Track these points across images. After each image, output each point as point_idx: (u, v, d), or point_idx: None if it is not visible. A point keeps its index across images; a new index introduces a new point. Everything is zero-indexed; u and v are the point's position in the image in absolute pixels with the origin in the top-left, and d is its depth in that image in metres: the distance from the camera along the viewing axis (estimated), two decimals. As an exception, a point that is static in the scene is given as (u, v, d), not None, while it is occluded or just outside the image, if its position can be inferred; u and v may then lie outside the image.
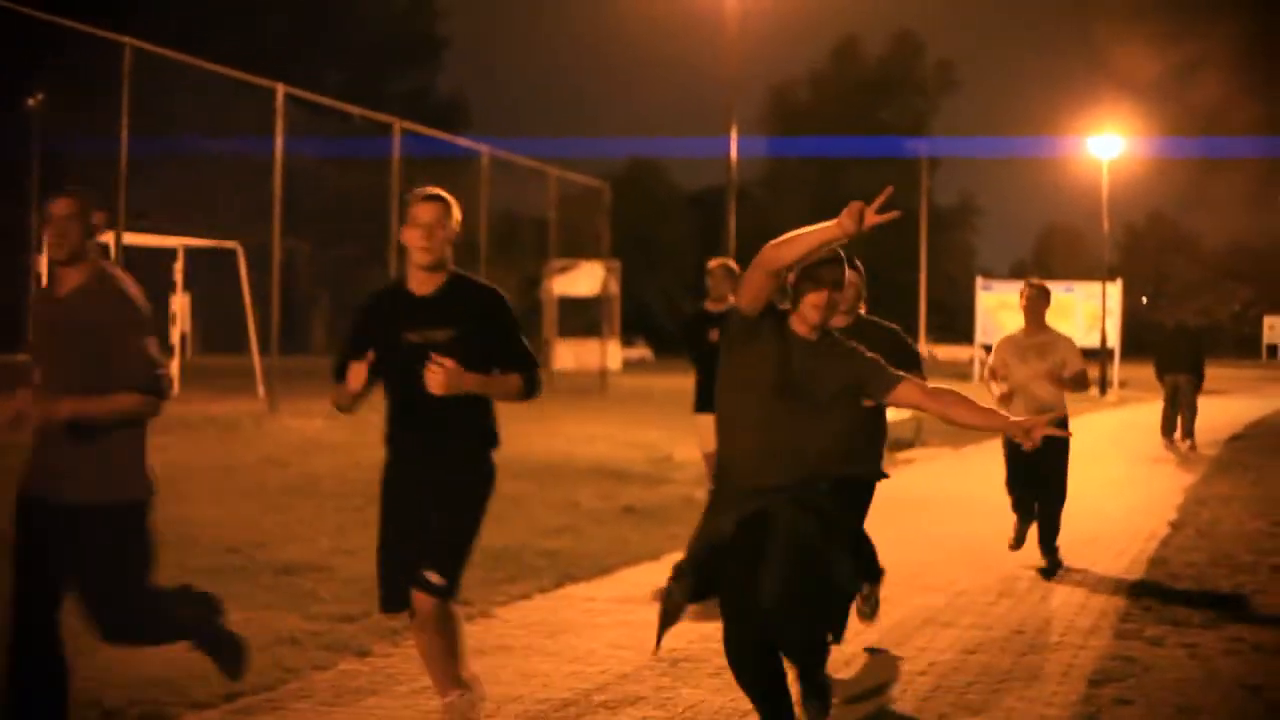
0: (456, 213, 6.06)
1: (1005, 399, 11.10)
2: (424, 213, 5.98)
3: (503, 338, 6.09)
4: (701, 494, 10.17)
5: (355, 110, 24.08)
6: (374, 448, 7.01)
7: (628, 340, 68.67)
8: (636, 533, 12.61)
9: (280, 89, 21.05)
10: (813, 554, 5.69)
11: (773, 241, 5.61)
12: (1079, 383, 11.25)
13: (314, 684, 7.30)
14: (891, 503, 15.86)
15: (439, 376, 5.81)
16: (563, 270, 47.46)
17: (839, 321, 7.08)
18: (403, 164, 25.31)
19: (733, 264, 11.70)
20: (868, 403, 6.15)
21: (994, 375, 11.49)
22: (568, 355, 44.09)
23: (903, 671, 7.82)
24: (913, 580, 10.56)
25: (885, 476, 8.22)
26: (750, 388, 5.77)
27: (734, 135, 33.28)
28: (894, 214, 5.41)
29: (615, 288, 50.90)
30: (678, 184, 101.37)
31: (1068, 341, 11.48)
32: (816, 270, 5.74)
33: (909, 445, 22.39)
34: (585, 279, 47.30)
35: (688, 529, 8.37)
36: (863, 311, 8.28)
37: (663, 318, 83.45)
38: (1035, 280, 11.87)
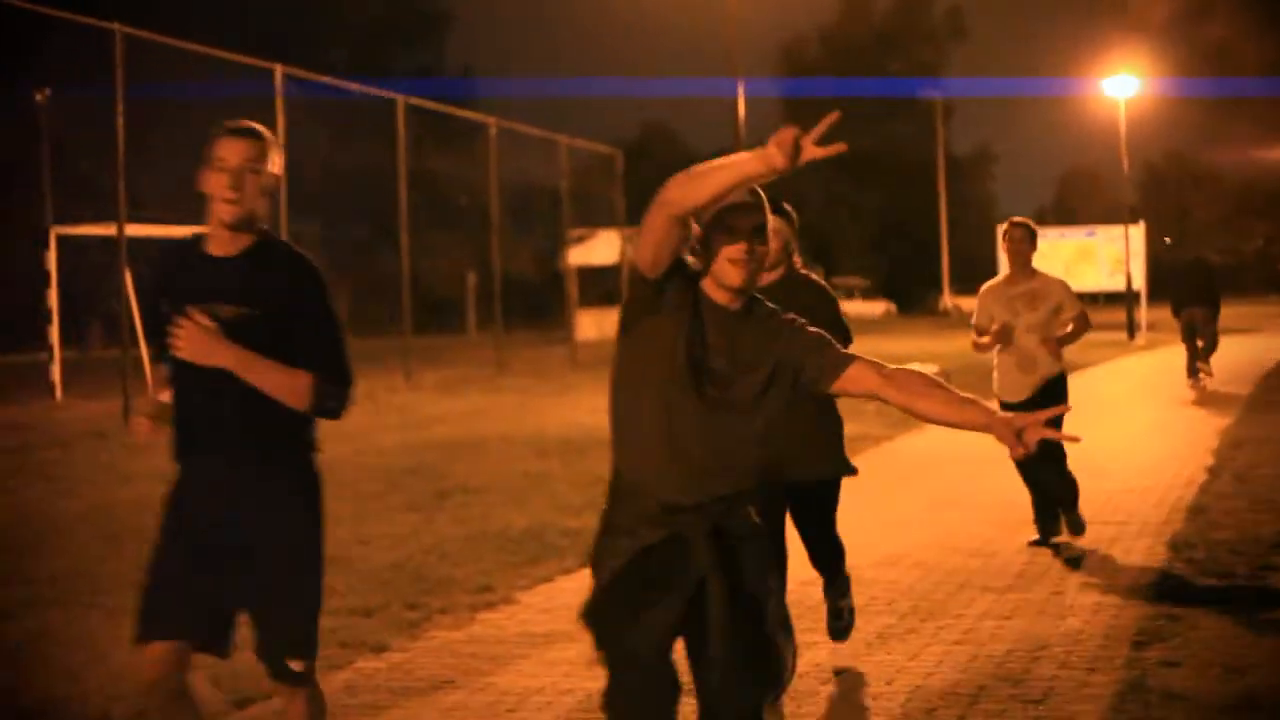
0: (277, 156, 4.73)
1: (986, 346, 10.14)
2: (231, 153, 4.62)
3: (310, 324, 4.67)
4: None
5: (356, 86, 23.75)
6: (393, 432, 6.88)
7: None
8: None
9: (279, 69, 20.77)
10: (750, 599, 4.35)
11: (678, 175, 4.14)
12: (1078, 333, 10.14)
13: (329, 687, 7.04)
14: (920, 458, 15.73)
15: (188, 338, 4.54)
16: (580, 240, 47.26)
17: (764, 279, 5.52)
18: (410, 141, 25.01)
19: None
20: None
21: (979, 333, 10.25)
22: (590, 325, 43.92)
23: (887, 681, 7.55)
24: (945, 542, 10.29)
25: (854, 472, 7.04)
26: (652, 376, 4.30)
27: (741, 89, 32.84)
28: (838, 148, 4.07)
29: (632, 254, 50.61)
30: (693, 147, 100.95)
31: (1060, 285, 10.14)
32: (730, 216, 4.29)
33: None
34: (603, 248, 47.08)
35: None
36: (798, 265, 6.89)
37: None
38: (1018, 219, 10.33)
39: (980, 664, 7.06)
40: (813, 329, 4.38)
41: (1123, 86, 48.44)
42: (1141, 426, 17.86)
